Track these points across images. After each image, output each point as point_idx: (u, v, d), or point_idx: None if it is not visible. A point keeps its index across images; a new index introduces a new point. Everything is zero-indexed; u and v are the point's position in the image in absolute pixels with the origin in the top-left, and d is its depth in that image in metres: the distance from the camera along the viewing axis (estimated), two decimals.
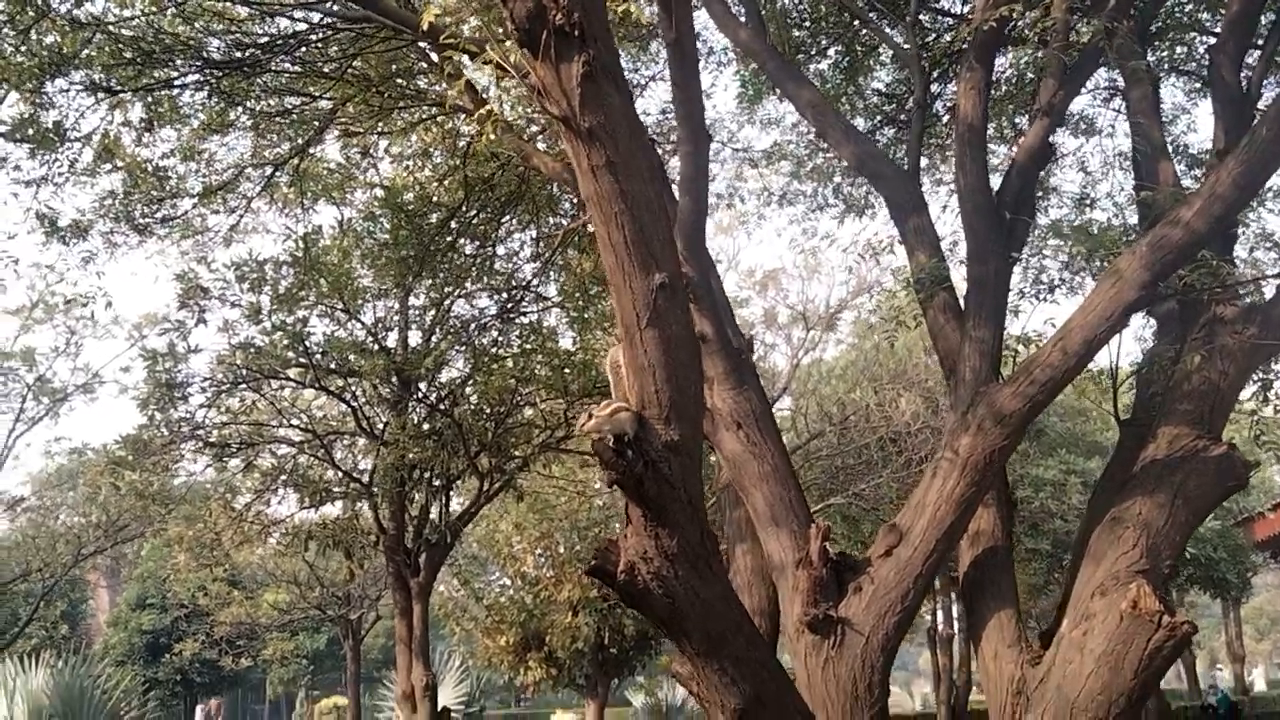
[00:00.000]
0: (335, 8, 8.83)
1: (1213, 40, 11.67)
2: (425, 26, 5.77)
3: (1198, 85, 12.53)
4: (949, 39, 12.61)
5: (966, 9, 13.05)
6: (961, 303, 8.09)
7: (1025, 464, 24.35)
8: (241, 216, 14.84)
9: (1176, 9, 11.29)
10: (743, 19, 9.47)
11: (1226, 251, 7.64)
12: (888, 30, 11.84)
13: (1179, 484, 6.71)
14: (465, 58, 10.34)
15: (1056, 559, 25.62)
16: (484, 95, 12.34)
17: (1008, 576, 7.32)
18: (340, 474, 17.97)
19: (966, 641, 32.91)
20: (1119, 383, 9.07)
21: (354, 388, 17.25)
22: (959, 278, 8.79)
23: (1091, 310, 6.37)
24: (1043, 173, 10.65)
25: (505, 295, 15.81)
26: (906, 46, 9.54)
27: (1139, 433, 8.40)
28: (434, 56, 12.23)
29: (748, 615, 5.61)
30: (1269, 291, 7.81)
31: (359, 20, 8.71)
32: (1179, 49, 11.88)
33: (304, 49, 10.39)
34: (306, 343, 16.33)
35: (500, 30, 7.09)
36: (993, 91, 8.77)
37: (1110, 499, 7.40)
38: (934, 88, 11.44)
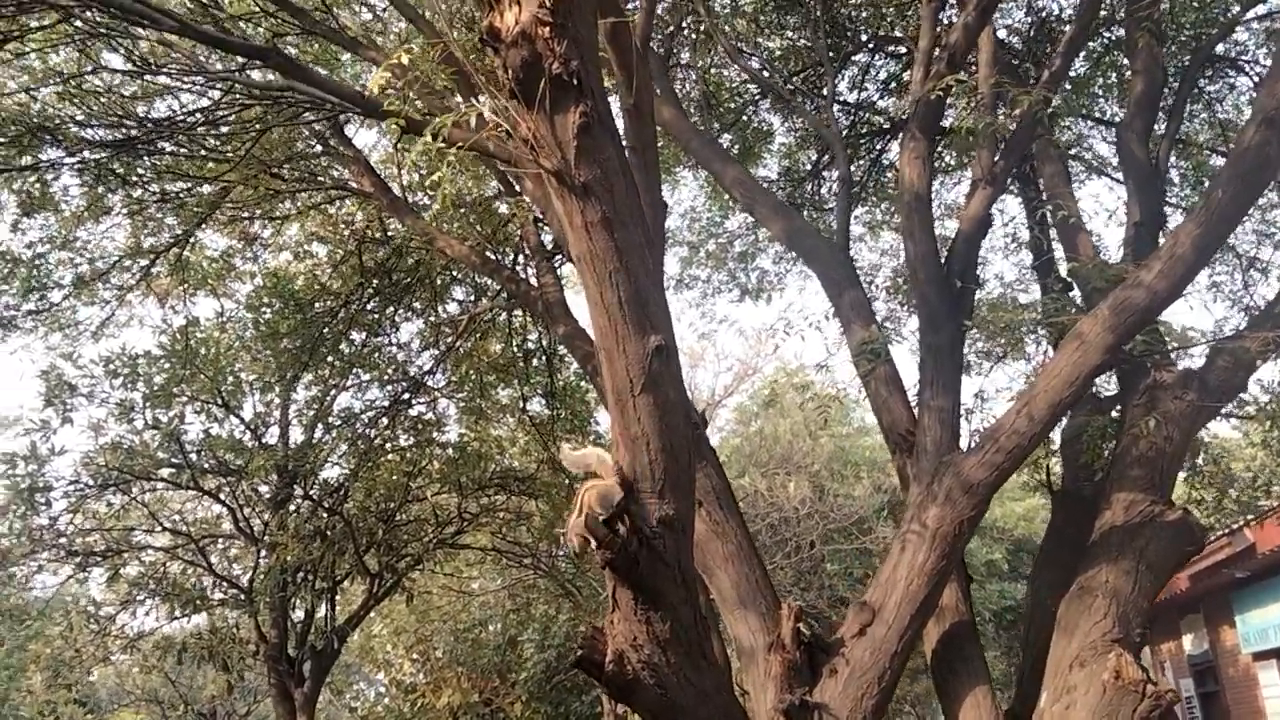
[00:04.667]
0: (255, 76, 8.39)
1: (1101, 125, 12.23)
2: (375, 90, 5.42)
3: (1083, 169, 12.99)
4: (850, 122, 12.87)
5: (858, 96, 13.37)
6: (901, 374, 8.04)
7: None
8: (115, 309, 13.98)
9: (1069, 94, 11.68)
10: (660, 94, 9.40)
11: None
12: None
13: (1141, 550, 6.66)
14: (367, 141, 9.86)
15: None
16: (387, 177, 12.02)
17: (977, 651, 7.14)
18: (216, 579, 16.95)
19: None
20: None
21: (231, 487, 16.37)
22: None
23: (1056, 375, 6.32)
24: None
25: (401, 386, 15.24)
26: (829, 126, 9.59)
27: (1072, 502, 8.45)
28: (332, 141, 11.87)
29: (739, 704, 5.27)
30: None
31: (275, 93, 8.29)
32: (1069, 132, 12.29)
33: (201, 128, 9.87)
34: (181, 441, 15.47)
35: (458, 92, 6.83)
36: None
37: (1067, 568, 7.34)
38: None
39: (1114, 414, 8.54)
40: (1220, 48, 10.38)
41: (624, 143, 6.28)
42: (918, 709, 31.73)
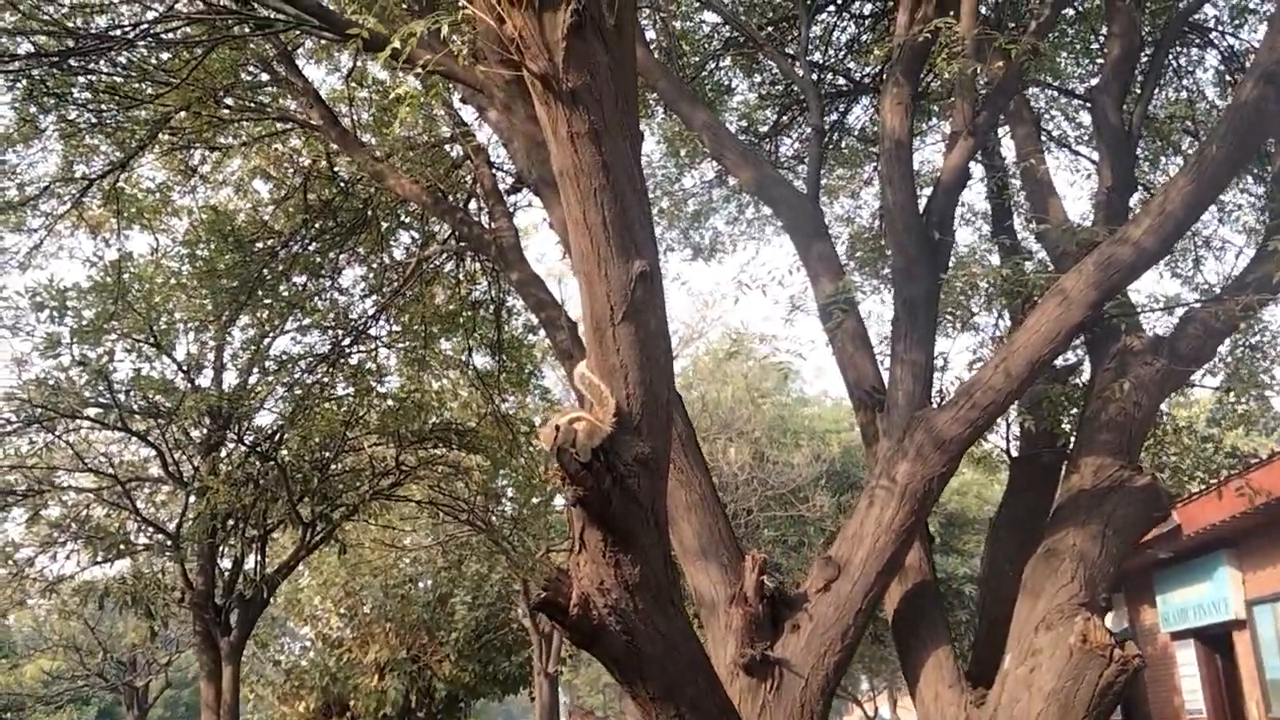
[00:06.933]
0: None
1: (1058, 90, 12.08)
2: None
3: (1045, 139, 12.85)
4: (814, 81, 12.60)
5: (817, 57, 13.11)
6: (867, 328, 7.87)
7: None
8: (44, 238, 13.32)
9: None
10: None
11: None
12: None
13: (1109, 514, 6.53)
14: (315, 76, 9.54)
15: None
16: (336, 112, 11.55)
17: (939, 612, 7.00)
18: (141, 524, 16.45)
19: None
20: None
21: (161, 429, 15.85)
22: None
23: (1036, 331, 6.14)
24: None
25: (341, 333, 14.79)
26: (800, 72, 9.34)
27: (1032, 469, 8.35)
28: (280, 70, 11.37)
29: (706, 655, 5.04)
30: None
31: (223, 8, 7.82)
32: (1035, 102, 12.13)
33: (142, 44, 9.33)
34: (110, 379, 14.93)
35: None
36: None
37: (1026, 534, 7.24)
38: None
39: (1074, 382, 8.46)
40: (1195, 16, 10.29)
41: None
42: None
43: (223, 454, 15.95)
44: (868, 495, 6.42)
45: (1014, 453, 8.82)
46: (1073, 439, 7.58)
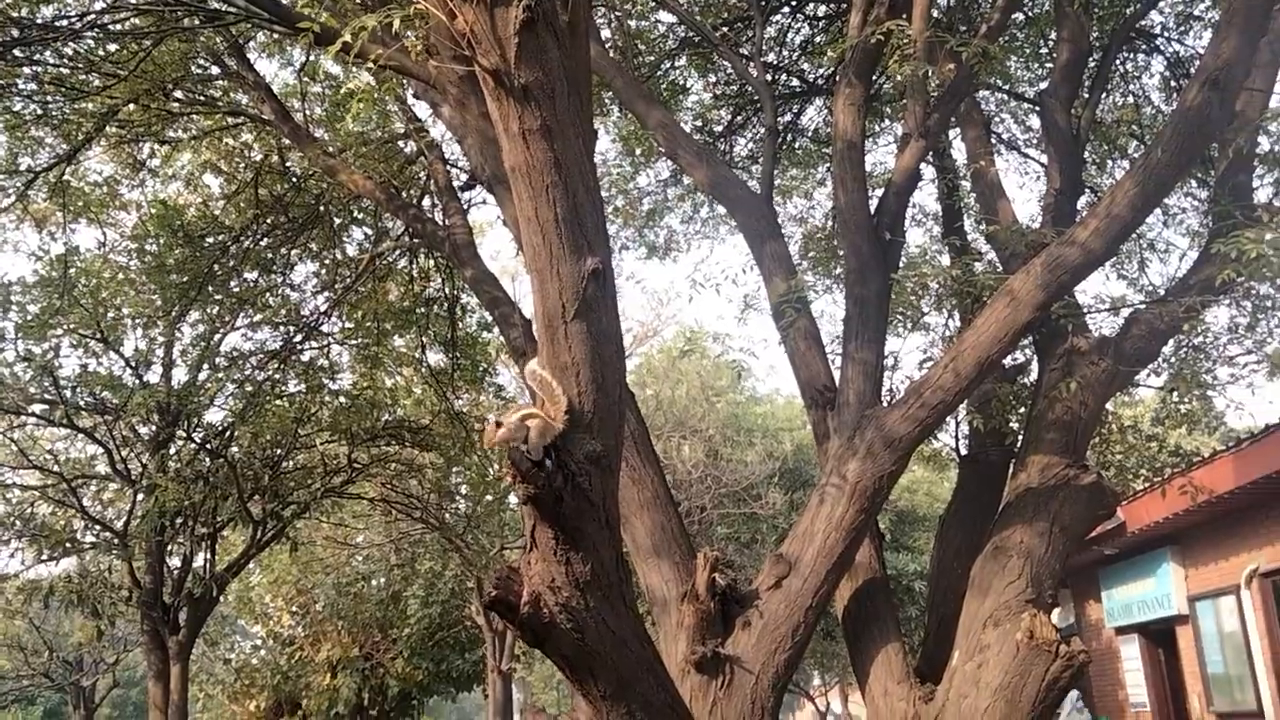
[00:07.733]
0: None
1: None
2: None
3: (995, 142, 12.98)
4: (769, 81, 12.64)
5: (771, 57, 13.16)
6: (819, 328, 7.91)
7: None
8: None
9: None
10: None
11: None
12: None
13: (1055, 512, 6.62)
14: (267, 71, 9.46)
15: None
16: (289, 106, 11.45)
17: (889, 609, 7.06)
18: (88, 521, 16.24)
19: None
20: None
21: (109, 426, 15.65)
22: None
23: (985, 331, 6.21)
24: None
25: (293, 329, 14.65)
26: (754, 73, 9.38)
27: (980, 468, 8.44)
28: (231, 63, 11.25)
29: (657, 653, 5.05)
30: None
31: (174, 4, 7.72)
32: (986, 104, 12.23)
33: (90, 35, 9.20)
34: (55, 375, 14.72)
35: None
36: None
37: (974, 531, 7.33)
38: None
39: (1022, 381, 8.56)
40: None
41: None
42: None
43: (172, 451, 15.77)
44: (819, 493, 6.46)
45: (963, 451, 8.90)
46: (1020, 438, 7.67)
